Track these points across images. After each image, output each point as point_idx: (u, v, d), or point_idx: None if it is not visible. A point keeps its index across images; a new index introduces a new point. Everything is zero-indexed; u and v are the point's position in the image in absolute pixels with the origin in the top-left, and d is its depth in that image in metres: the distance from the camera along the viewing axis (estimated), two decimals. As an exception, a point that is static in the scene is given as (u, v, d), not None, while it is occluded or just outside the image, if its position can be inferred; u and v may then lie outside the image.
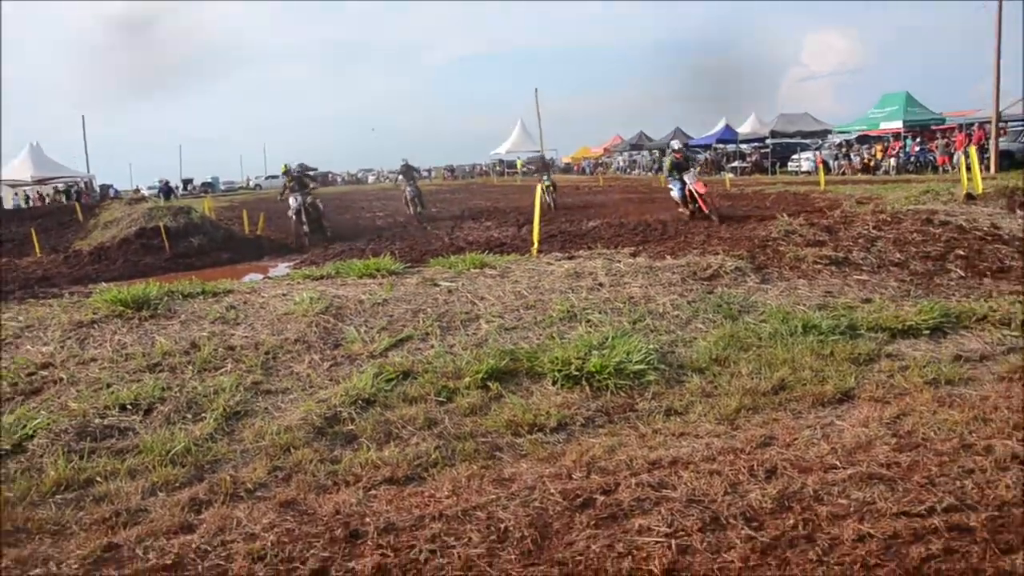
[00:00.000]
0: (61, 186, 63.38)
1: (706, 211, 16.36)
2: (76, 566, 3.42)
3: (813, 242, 8.89)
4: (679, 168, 17.15)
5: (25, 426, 4.77)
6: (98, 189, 65.81)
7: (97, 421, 4.86)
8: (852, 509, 3.47)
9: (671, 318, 6.18)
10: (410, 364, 5.47)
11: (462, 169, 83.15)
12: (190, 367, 5.63)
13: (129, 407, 5.05)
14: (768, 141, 44.60)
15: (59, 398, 5.23)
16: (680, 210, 17.12)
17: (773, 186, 28.05)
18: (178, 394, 5.21)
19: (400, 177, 26.14)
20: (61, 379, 5.50)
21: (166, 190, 61.85)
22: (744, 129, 49.23)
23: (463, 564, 3.23)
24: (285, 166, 22.46)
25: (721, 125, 49.50)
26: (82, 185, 63.06)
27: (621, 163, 62.39)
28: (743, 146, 48.37)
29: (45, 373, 5.61)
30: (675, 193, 17.18)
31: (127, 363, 5.74)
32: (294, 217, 20.33)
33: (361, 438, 4.57)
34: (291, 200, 20.39)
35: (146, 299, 6.82)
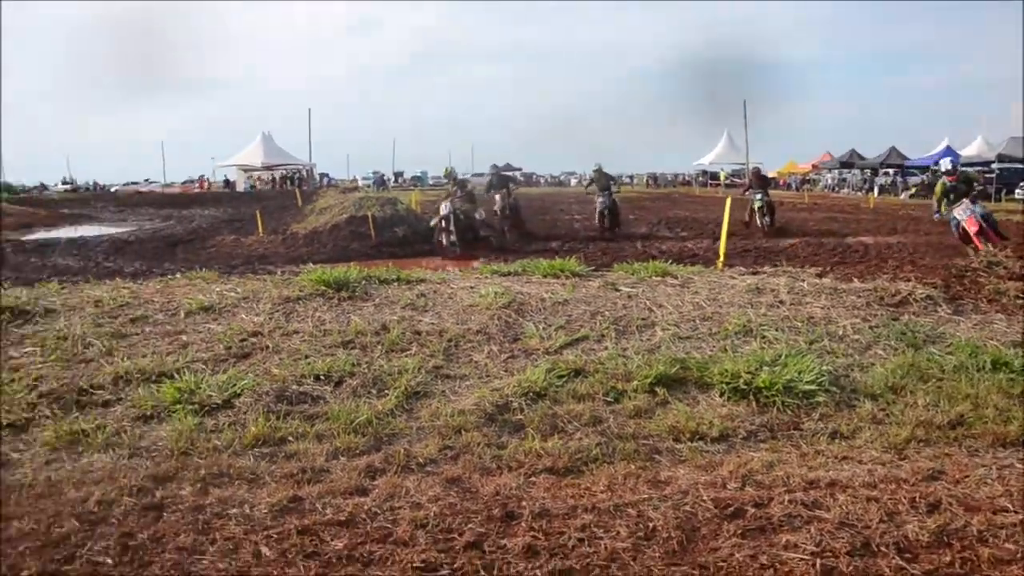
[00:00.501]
0: (286, 172, 68.04)
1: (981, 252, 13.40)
2: (265, 511, 3.84)
3: (1019, 276, 8.33)
4: (954, 195, 13.89)
5: (234, 385, 5.33)
6: (317, 177, 70.14)
7: (294, 387, 5.35)
8: (1019, 555, 3.33)
9: (850, 341, 6.02)
10: (583, 363, 5.65)
11: (664, 177, 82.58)
12: (379, 347, 6.06)
13: (322, 378, 5.52)
14: (994, 166, 41.41)
15: (264, 364, 5.78)
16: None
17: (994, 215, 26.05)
18: (366, 370, 5.63)
19: (592, 185, 22.70)
20: (267, 347, 6.08)
21: (380, 181, 65.29)
22: (968, 151, 45.96)
23: (608, 555, 3.38)
24: (447, 169, 22.38)
25: (942, 146, 46.50)
26: (303, 173, 67.42)
27: (829, 180, 59.78)
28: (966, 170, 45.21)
29: (254, 340, 6.21)
30: (954, 227, 13.92)
31: (324, 338, 6.24)
32: (442, 224, 18.64)
33: (528, 428, 4.79)
34: (441, 207, 19.11)
35: (347, 282, 7.36)
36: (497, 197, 20.57)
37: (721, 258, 10.82)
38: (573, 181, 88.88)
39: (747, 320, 6.31)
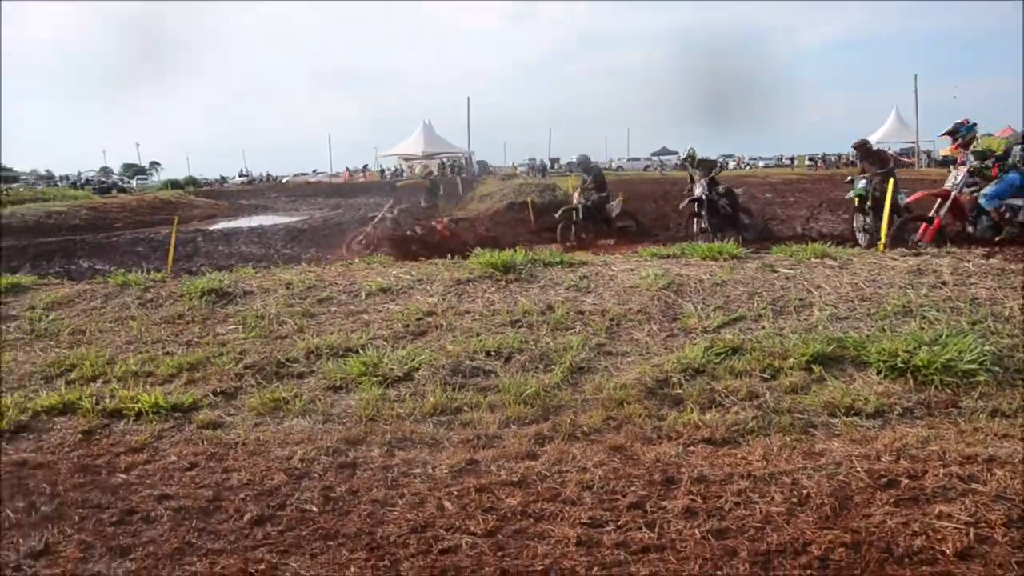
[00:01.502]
0: (445, 160, 69.85)
1: None
2: (445, 471, 4.28)
3: None
4: None
5: (413, 360, 5.83)
6: (476, 165, 71.67)
7: (467, 363, 5.79)
8: None
9: (1016, 322, 5.87)
10: (740, 341, 5.81)
11: (829, 159, 79.54)
12: (545, 326, 6.42)
13: (493, 354, 5.93)
14: None
15: (439, 341, 6.25)
16: None
17: None
18: (533, 347, 6.00)
19: (691, 176, 16.99)
20: (441, 325, 6.55)
21: (541, 168, 66.12)
22: None
23: (763, 518, 3.60)
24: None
25: None
26: (462, 161, 68.99)
27: (1019, 153, 55.74)
28: None
29: (429, 319, 6.69)
30: None
31: (494, 317, 6.66)
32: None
33: (687, 401, 5.02)
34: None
35: (513, 264, 7.76)
36: (574, 196, 18.43)
37: (882, 239, 10.55)
38: (731, 164, 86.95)
39: (907, 301, 6.27)
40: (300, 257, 16.56)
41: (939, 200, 12.17)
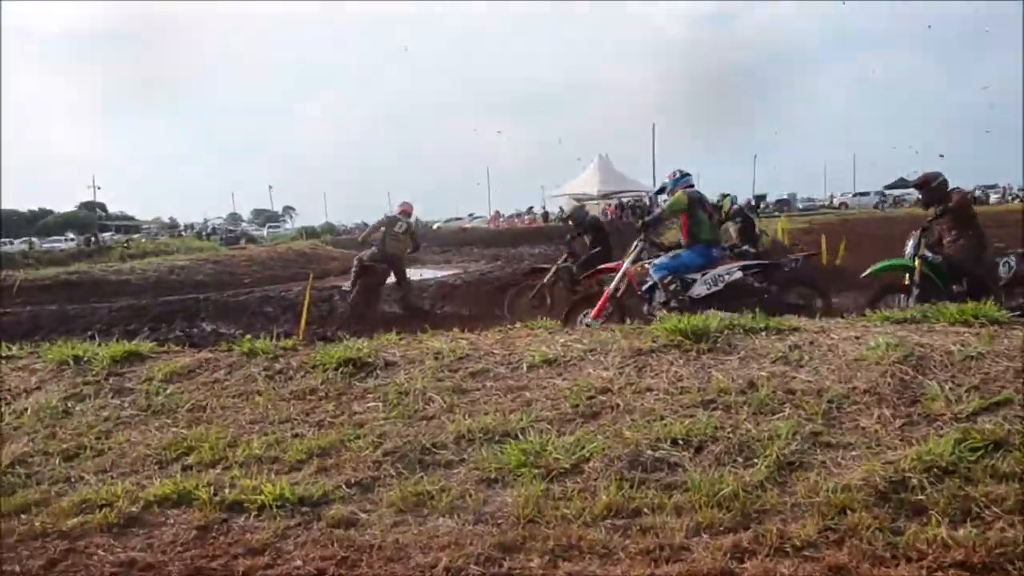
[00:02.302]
0: (628, 199, 70.26)
1: None
2: (624, 590, 4.25)
3: None
4: None
5: (583, 448, 5.83)
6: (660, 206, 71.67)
7: (648, 452, 5.73)
8: None
9: None
10: (1004, 433, 5.47)
11: None
12: (745, 407, 6.28)
13: (680, 442, 5.84)
14: None
15: (615, 424, 6.23)
16: None
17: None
18: (730, 435, 5.88)
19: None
20: (618, 405, 6.53)
21: (749, 208, 65.67)
22: None
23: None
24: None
25: None
26: (645, 201, 69.18)
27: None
28: None
29: (603, 398, 6.68)
30: None
31: (681, 396, 6.58)
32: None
33: (931, 511, 4.77)
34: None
35: (706, 330, 7.65)
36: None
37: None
38: (994, 197, 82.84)
39: None
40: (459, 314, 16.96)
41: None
